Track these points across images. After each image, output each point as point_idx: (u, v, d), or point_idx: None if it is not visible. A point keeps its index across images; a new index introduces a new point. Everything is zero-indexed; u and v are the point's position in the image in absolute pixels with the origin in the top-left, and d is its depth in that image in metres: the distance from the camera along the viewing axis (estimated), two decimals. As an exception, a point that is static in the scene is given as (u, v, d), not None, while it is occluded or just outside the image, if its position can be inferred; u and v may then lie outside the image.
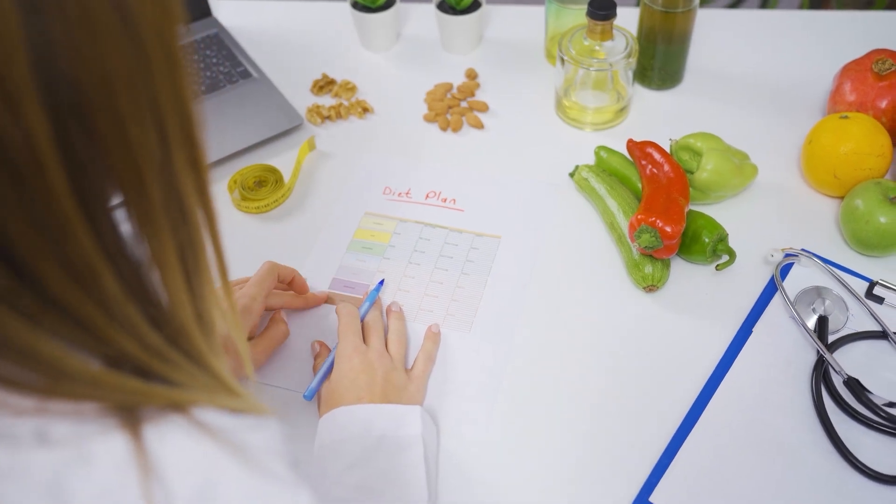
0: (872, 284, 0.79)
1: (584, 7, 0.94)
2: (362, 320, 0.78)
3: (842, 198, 0.86)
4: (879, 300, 0.79)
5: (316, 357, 0.78)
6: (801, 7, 1.66)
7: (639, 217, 0.78)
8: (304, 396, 0.73)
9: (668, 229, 0.77)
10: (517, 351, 0.78)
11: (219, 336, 0.42)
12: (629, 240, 0.80)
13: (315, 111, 1.02)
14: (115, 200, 0.36)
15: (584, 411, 0.74)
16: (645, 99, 1.03)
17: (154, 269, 0.38)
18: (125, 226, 0.37)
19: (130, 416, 0.36)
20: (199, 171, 0.39)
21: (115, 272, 0.35)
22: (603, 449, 0.71)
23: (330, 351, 0.77)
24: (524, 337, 0.79)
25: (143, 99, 0.35)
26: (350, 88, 1.06)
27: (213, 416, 0.38)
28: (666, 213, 0.78)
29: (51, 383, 0.35)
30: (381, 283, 0.82)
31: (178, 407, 0.37)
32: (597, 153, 0.92)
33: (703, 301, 0.81)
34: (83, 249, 0.34)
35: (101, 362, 0.36)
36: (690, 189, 0.86)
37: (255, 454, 0.38)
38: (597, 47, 0.94)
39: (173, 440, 0.36)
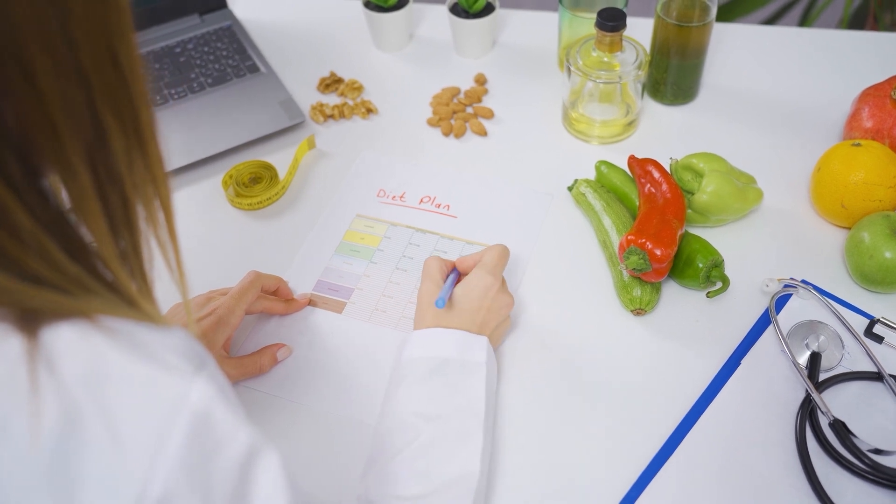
0: (873, 322, 0.75)
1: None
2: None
3: (849, 228, 0.82)
4: (879, 339, 0.75)
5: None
6: (841, 25, 1.60)
7: (629, 238, 0.76)
8: (436, 304, 0.70)
9: (658, 252, 0.74)
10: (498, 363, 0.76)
11: (153, 281, 0.44)
12: (619, 260, 0.78)
13: (319, 109, 1.01)
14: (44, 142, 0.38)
15: (558, 433, 0.71)
16: (656, 114, 1.00)
17: (73, 208, 0.39)
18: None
19: (31, 318, 0.37)
20: (139, 131, 0.40)
21: (23, 205, 0.37)
22: (575, 473, 0.69)
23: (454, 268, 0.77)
24: (504, 352, 0.77)
25: (57, 51, 0.36)
26: (356, 88, 1.04)
27: (113, 320, 0.39)
28: (657, 236, 0.75)
29: None
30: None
31: (85, 315, 0.39)
32: (597, 168, 0.90)
33: (693, 328, 0.78)
34: None
35: (17, 277, 0.38)
36: (689, 211, 0.83)
37: (151, 348, 0.39)
38: (605, 59, 0.91)
39: (64, 332, 0.38)
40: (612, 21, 0.88)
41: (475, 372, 0.69)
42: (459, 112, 1.01)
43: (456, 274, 0.76)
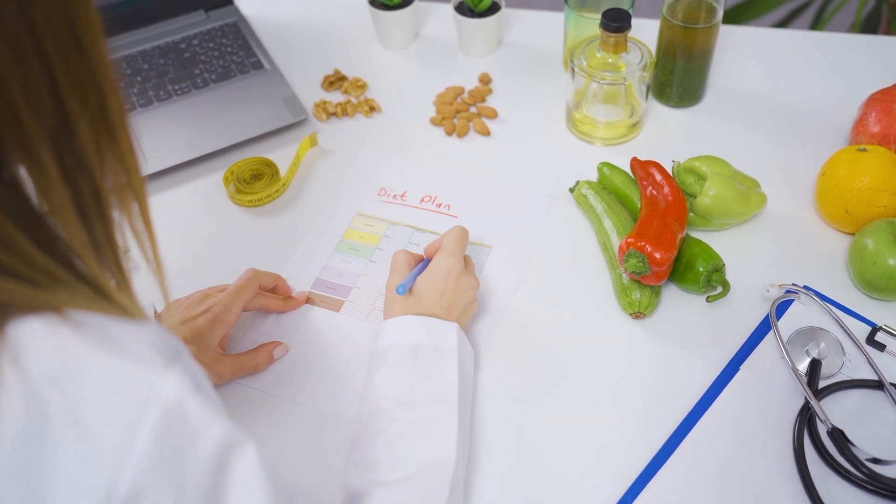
0: (875, 330, 0.74)
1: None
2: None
3: (853, 234, 0.81)
4: (881, 347, 0.74)
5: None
6: (853, 29, 1.59)
7: (629, 240, 0.75)
8: (396, 290, 0.71)
9: (658, 256, 0.73)
10: (492, 368, 0.76)
11: (128, 270, 0.43)
12: (618, 263, 0.77)
13: (322, 107, 1.01)
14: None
15: (553, 435, 0.71)
16: (661, 116, 0.99)
17: (40, 199, 0.39)
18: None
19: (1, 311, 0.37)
20: (107, 120, 0.39)
21: None
22: (569, 476, 0.68)
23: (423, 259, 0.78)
24: (501, 353, 0.77)
25: (17, 37, 0.35)
26: (360, 86, 1.04)
27: (84, 314, 0.39)
28: (657, 239, 0.74)
29: None
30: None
31: (54, 309, 0.38)
32: (599, 169, 0.89)
33: (692, 333, 0.77)
34: None
35: None
36: (691, 215, 0.82)
37: (121, 341, 0.39)
38: (609, 60, 0.91)
39: (32, 326, 0.37)
40: (616, 22, 0.87)
41: (447, 357, 0.69)
42: (463, 111, 1.00)
43: (423, 265, 0.76)
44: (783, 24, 1.71)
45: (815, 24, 1.68)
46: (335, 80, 1.05)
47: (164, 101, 1.01)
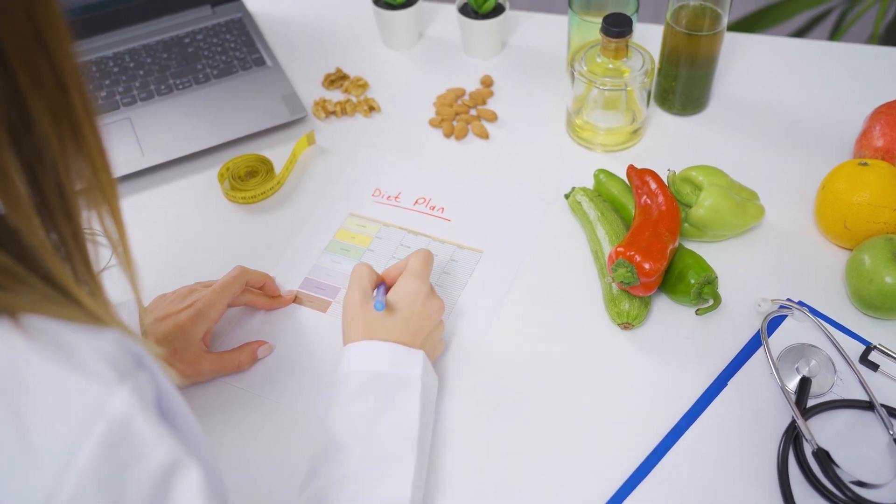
0: (869, 349, 0.73)
1: (603, 22, 0.89)
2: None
3: (852, 250, 0.80)
4: (874, 367, 0.72)
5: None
6: (871, 40, 1.56)
7: (618, 249, 0.74)
8: (375, 307, 0.68)
9: (647, 266, 0.72)
10: (478, 372, 0.75)
11: (94, 267, 0.42)
12: (608, 272, 0.76)
13: (321, 105, 1.01)
14: None
15: (537, 445, 0.70)
16: (663, 123, 0.98)
17: None
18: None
19: None
20: (71, 113, 0.38)
21: None
22: (548, 490, 0.67)
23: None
24: (488, 356, 0.76)
25: None
26: (361, 85, 1.04)
27: (41, 320, 0.38)
28: (647, 249, 0.73)
29: None
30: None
31: (10, 313, 0.37)
32: (596, 176, 0.88)
33: (682, 346, 0.76)
34: None
35: None
36: (686, 225, 0.81)
37: (75, 351, 0.38)
38: (610, 65, 0.89)
39: None
40: (617, 27, 0.86)
41: (411, 387, 0.66)
42: (462, 114, 0.99)
43: (384, 285, 0.73)
44: (801, 32, 1.69)
45: (834, 34, 1.65)
46: (336, 79, 1.05)
47: (165, 95, 1.01)
